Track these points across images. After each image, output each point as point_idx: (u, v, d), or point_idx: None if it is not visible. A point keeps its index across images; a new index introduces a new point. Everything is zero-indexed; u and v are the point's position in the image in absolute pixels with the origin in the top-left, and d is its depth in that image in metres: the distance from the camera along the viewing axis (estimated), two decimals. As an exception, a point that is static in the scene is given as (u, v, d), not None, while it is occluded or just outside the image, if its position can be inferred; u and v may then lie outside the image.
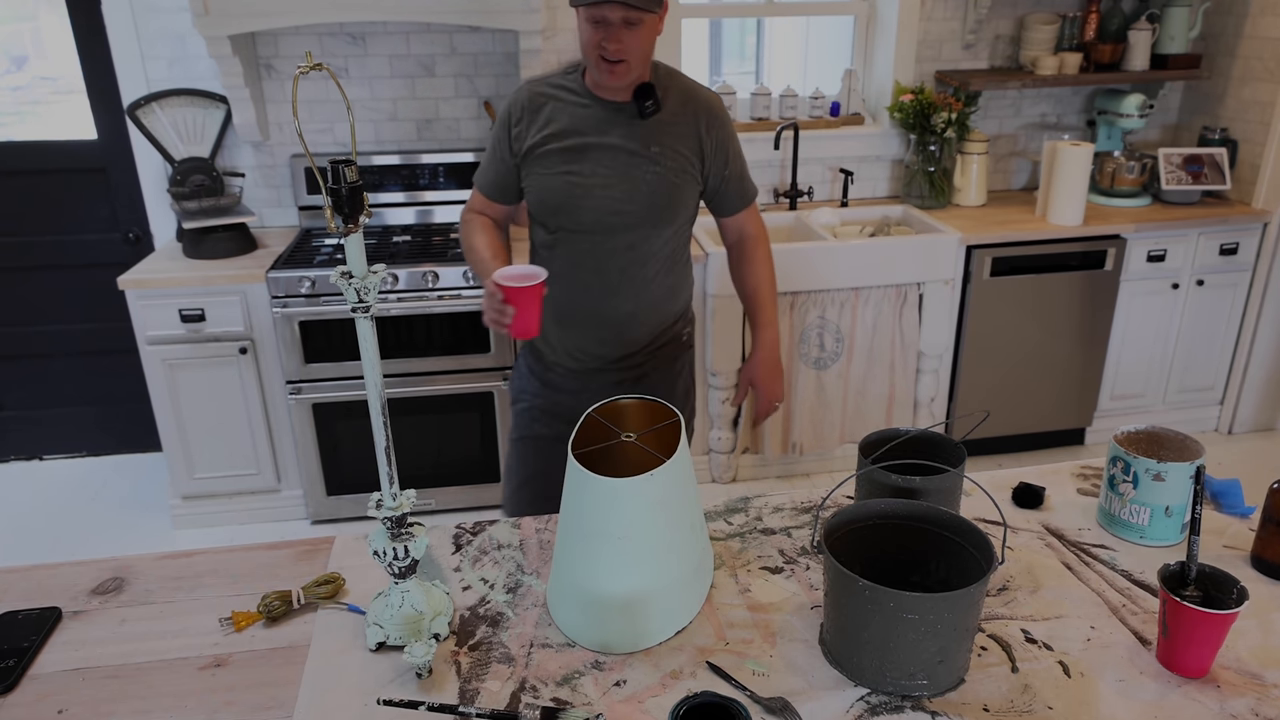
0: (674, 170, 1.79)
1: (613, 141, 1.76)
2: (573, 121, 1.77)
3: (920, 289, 3.22)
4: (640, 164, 1.76)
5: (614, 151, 1.76)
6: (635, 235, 1.81)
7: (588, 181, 1.76)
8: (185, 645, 1.19)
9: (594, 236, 1.80)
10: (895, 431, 1.40)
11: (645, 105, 1.74)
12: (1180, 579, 1.12)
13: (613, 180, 1.76)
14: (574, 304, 1.85)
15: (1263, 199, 3.48)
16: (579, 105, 1.77)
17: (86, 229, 3.38)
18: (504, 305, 1.55)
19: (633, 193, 1.77)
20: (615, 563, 1.15)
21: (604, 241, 1.81)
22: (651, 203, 1.79)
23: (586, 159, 1.76)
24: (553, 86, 1.80)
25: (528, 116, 1.80)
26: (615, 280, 1.83)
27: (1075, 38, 3.56)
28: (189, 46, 3.10)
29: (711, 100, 1.83)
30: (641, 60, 1.69)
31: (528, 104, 1.80)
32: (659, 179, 1.78)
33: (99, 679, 1.14)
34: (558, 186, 1.77)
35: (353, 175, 1.02)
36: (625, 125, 1.76)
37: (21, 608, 1.25)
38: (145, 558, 1.38)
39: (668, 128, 1.78)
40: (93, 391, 3.61)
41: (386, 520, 1.14)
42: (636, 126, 1.76)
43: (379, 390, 1.11)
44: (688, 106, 1.80)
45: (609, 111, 1.76)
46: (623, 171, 1.76)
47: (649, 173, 1.77)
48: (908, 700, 1.07)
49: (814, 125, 3.57)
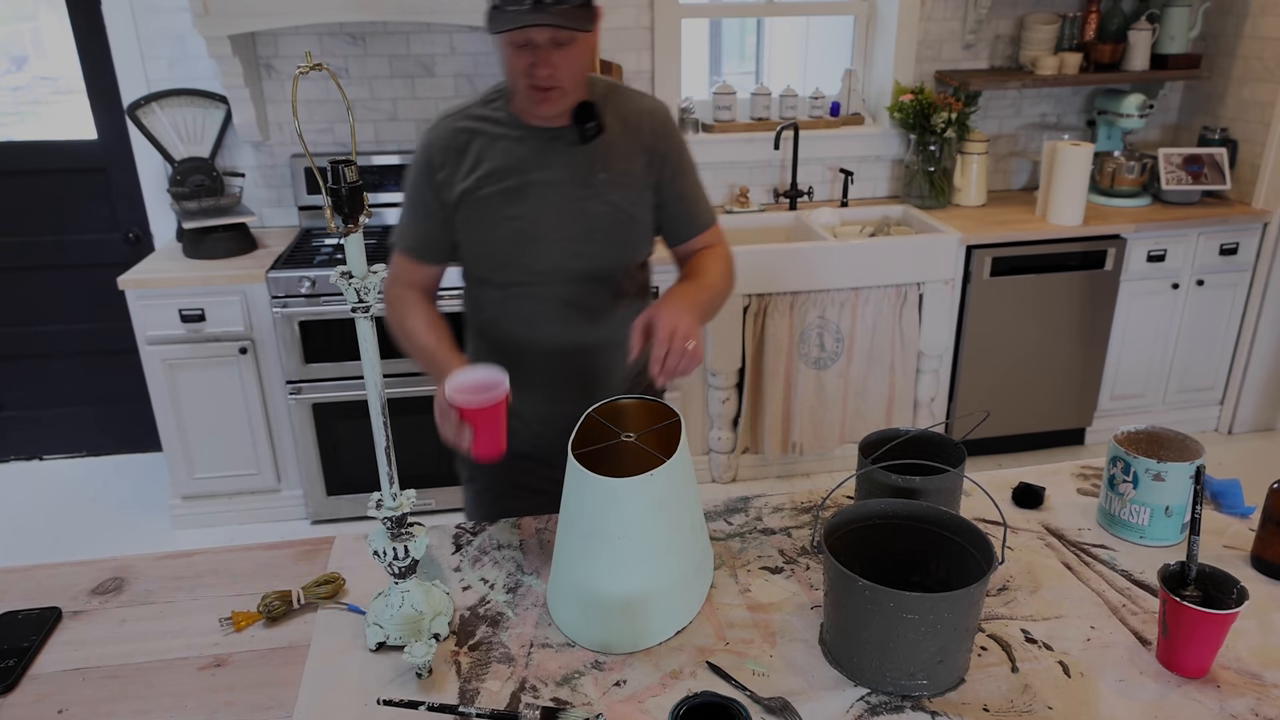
0: (627, 198, 1.56)
1: (555, 175, 1.52)
2: (506, 158, 1.52)
3: (920, 289, 3.22)
4: (590, 196, 1.53)
5: (559, 186, 1.52)
6: (600, 276, 1.58)
7: (536, 226, 1.52)
8: (185, 645, 1.19)
9: (553, 285, 1.56)
10: (895, 431, 1.40)
11: (586, 128, 1.50)
12: (1180, 579, 1.12)
13: (564, 219, 1.53)
14: (537, 365, 1.60)
15: (1263, 199, 3.48)
16: (510, 138, 1.52)
17: (86, 229, 3.38)
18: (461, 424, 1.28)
19: (589, 229, 1.54)
20: (615, 562, 1.15)
21: (565, 289, 1.56)
22: (610, 237, 1.56)
23: (529, 199, 1.52)
24: (474, 119, 1.54)
25: (452, 158, 1.53)
26: (582, 330, 1.59)
27: (1075, 38, 3.56)
28: (189, 46, 3.10)
29: (655, 107, 1.60)
30: (577, 83, 1.46)
31: (449, 143, 1.54)
32: (612, 209, 1.54)
33: (99, 679, 1.14)
34: (504, 236, 1.52)
35: (353, 175, 1.03)
36: (566, 153, 1.52)
37: (21, 608, 1.25)
38: (145, 558, 1.38)
39: (613, 149, 1.54)
40: (93, 391, 3.61)
41: (386, 520, 1.14)
42: (579, 153, 1.52)
43: (379, 390, 1.11)
44: (630, 119, 1.56)
45: (545, 140, 1.52)
46: (573, 207, 1.53)
47: (602, 204, 1.53)
48: (908, 700, 1.07)
49: (814, 125, 3.57)
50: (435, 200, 1.55)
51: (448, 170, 1.53)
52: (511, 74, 1.44)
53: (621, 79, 3.36)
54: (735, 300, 3.10)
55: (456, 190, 1.53)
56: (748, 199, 3.56)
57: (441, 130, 1.55)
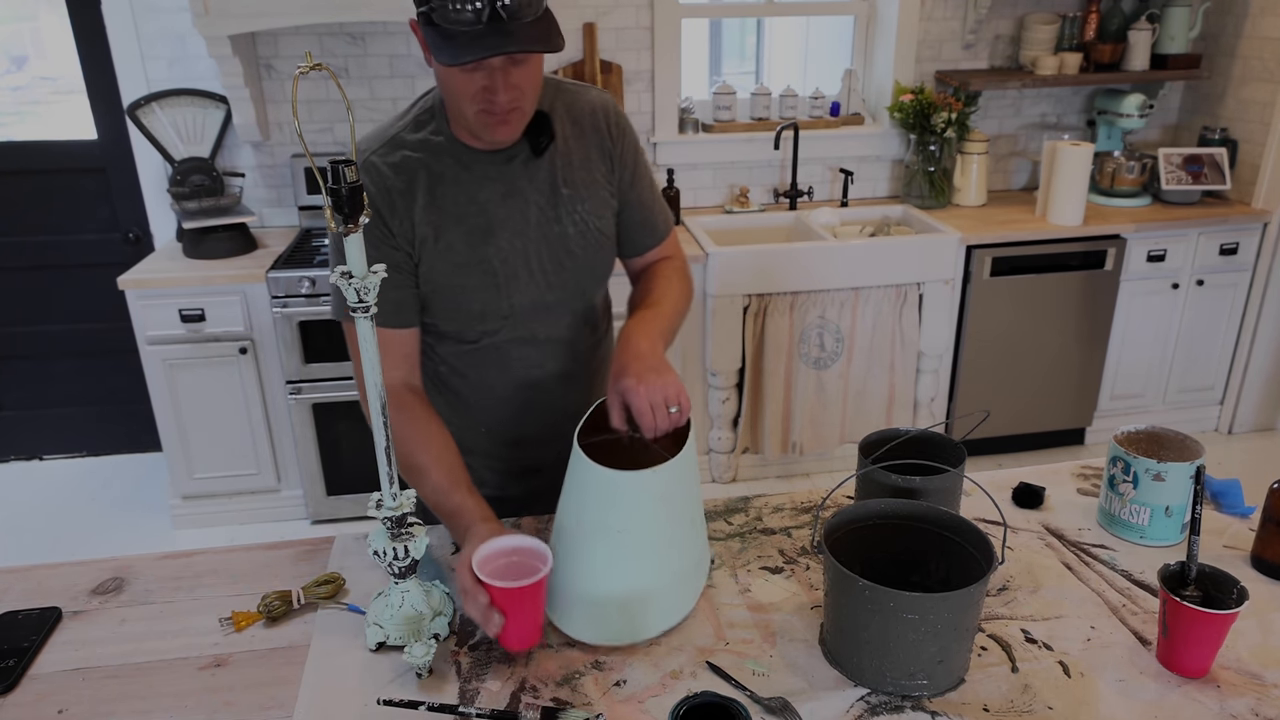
0: (594, 210, 1.38)
1: (520, 201, 1.33)
2: (461, 190, 1.31)
3: (920, 289, 3.22)
4: (559, 217, 1.36)
5: (526, 213, 1.33)
6: (576, 306, 1.41)
7: (511, 264, 1.34)
8: (185, 645, 1.19)
9: (530, 326, 1.39)
10: (895, 431, 1.40)
11: (539, 139, 1.32)
12: (1180, 579, 1.12)
13: (540, 250, 1.35)
14: (518, 415, 1.46)
15: (1263, 199, 3.48)
16: (459, 166, 1.31)
17: (86, 229, 3.38)
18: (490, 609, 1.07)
19: (564, 256, 1.36)
20: (613, 556, 1.15)
21: (541, 329, 1.41)
22: (585, 263, 1.39)
23: (498, 235, 1.33)
24: (411, 149, 1.31)
25: (400, 199, 1.30)
26: (565, 368, 1.45)
27: (1075, 38, 3.56)
28: (189, 46, 3.10)
29: (606, 102, 1.41)
30: (535, 99, 1.27)
31: (393, 181, 1.29)
32: (584, 228, 1.37)
33: (99, 679, 1.13)
34: (476, 284, 1.32)
35: (353, 175, 1.02)
36: (523, 173, 1.33)
37: (21, 608, 1.25)
38: (145, 558, 1.38)
39: (570, 156, 1.36)
40: (93, 391, 3.61)
41: (386, 520, 1.14)
42: (536, 168, 1.34)
43: (379, 390, 1.11)
44: (583, 119, 1.38)
45: (499, 164, 1.32)
46: (546, 233, 1.35)
47: (570, 225, 1.36)
48: (908, 700, 1.07)
49: (814, 125, 3.57)
50: (397, 248, 1.31)
51: (399, 215, 1.30)
52: (459, 99, 1.22)
53: (622, 79, 3.37)
54: (735, 300, 3.10)
55: (415, 237, 1.31)
56: (748, 199, 3.56)
57: (377, 169, 1.30)
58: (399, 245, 1.31)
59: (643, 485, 1.13)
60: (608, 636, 1.16)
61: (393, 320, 1.32)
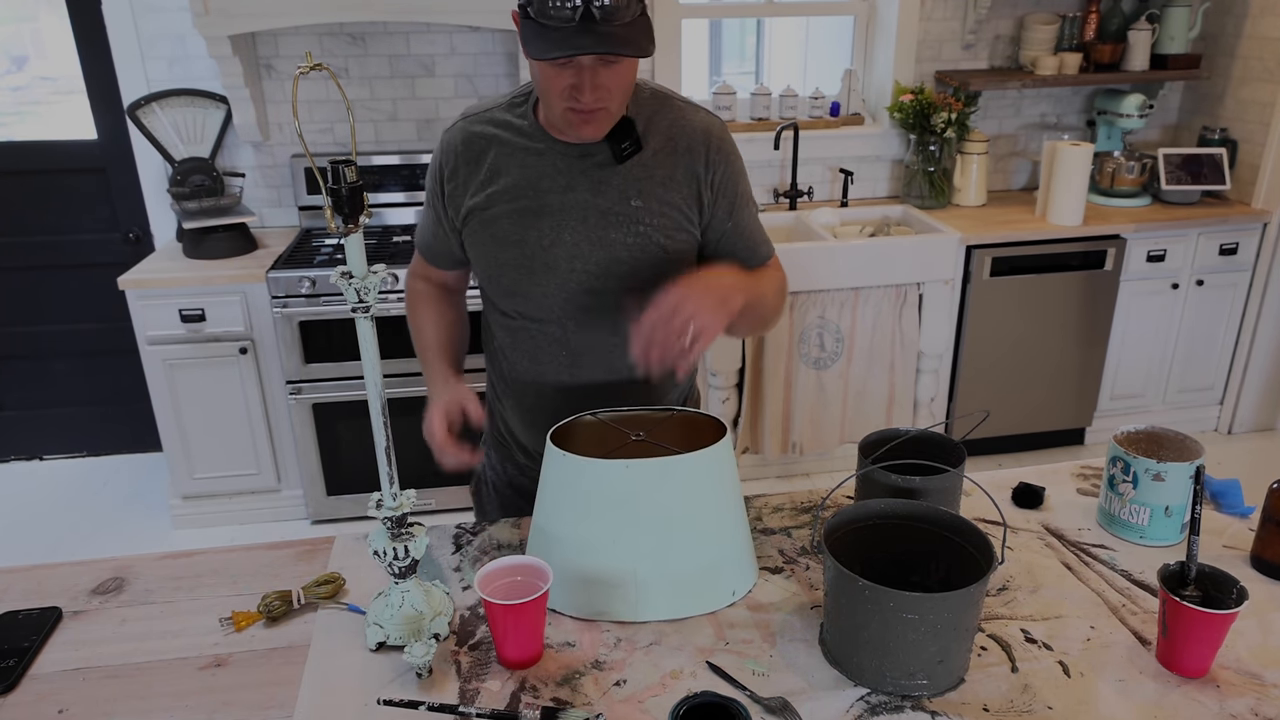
0: (663, 229, 1.36)
1: (580, 198, 1.34)
2: (525, 173, 1.35)
3: (920, 289, 3.22)
4: (618, 224, 1.34)
5: (582, 211, 1.34)
6: (620, 317, 1.37)
7: (550, 253, 1.36)
8: (185, 645, 1.19)
9: (565, 323, 1.40)
10: (895, 431, 1.40)
11: (622, 147, 1.32)
12: (1180, 579, 1.12)
13: (583, 248, 1.35)
14: (544, 406, 1.46)
15: (1262, 199, 3.48)
16: (531, 151, 1.35)
17: (86, 229, 3.38)
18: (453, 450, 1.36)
19: (611, 263, 1.36)
20: (586, 535, 1.20)
21: (579, 329, 1.40)
22: (637, 274, 1.36)
23: (546, 222, 1.35)
24: (495, 125, 1.38)
25: (464, 166, 1.38)
26: (593, 375, 1.43)
27: (1075, 38, 3.56)
28: (189, 46, 3.10)
29: (711, 126, 1.39)
30: (624, 102, 1.28)
31: (463, 150, 1.38)
32: (644, 241, 1.35)
33: (99, 679, 1.14)
34: (511, 261, 1.36)
35: (353, 175, 1.02)
36: (595, 174, 1.34)
37: (21, 608, 1.25)
38: (145, 558, 1.38)
39: (653, 171, 1.35)
40: (93, 391, 3.61)
41: (386, 520, 1.14)
42: (611, 174, 1.34)
43: (379, 390, 1.11)
44: (679, 139, 1.36)
45: (572, 158, 1.34)
46: (596, 236, 1.35)
47: (630, 235, 1.35)
48: (908, 700, 1.07)
49: (814, 125, 3.57)
50: (443, 209, 1.43)
51: (459, 179, 1.39)
52: (548, 93, 1.25)
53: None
54: (735, 300, 3.09)
55: (465, 204, 1.39)
56: (748, 199, 3.56)
57: (457, 134, 1.40)
58: (447, 205, 1.42)
59: (601, 474, 1.18)
60: (607, 612, 1.21)
61: (427, 254, 1.53)
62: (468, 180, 1.39)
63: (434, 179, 1.43)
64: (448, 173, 1.40)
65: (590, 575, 1.20)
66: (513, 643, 1.12)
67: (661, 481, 1.18)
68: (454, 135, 1.40)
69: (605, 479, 1.19)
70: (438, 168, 1.42)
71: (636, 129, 1.33)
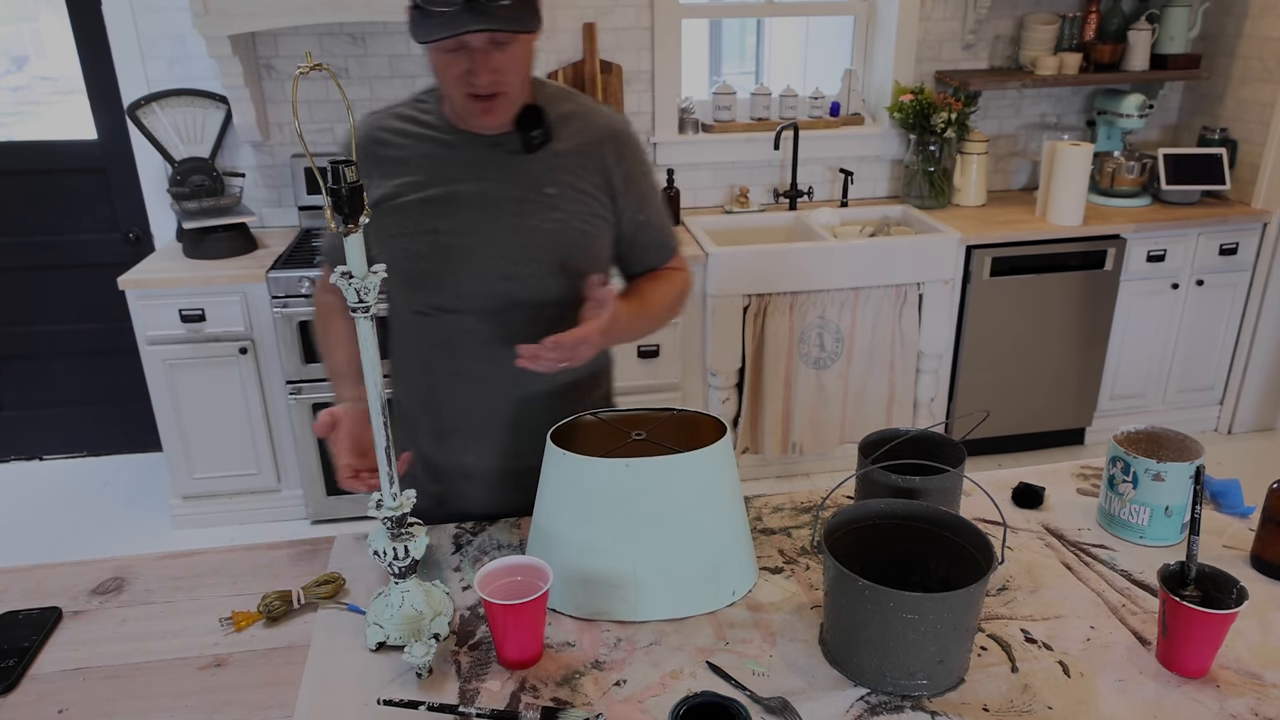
0: (580, 215, 1.38)
1: (494, 186, 1.34)
2: (435, 164, 1.35)
3: (920, 289, 3.22)
4: (533, 210, 1.35)
5: (497, 199, 1.34)
6: (540, 304, 1.38)
7: (466, 240, 1.34)
8: (185, 645, 1.19)
9: (481, 315, 1.38)
10: (895, 431, 1.40)
11: (532, 135, 1.33)
12: (1180, 579, 1.12)
13: (500, 235, 1.34)
14: (465, 408, 1.44)
15: (1262, 199, 3.48)
16: (440, 143, 1.36)
17: (86, 229, 3.38)
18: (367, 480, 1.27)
19: (528, 248, 1.35)
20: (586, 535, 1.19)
21: (496, 319, 1.38)
22: (555, 259, 1.37)
23: (458, 211, 1.34)
24: (401, 119, 1.38)
25: (368, 160, 1.37)
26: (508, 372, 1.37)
27: (1075, 38, 3.56)
28: (189, 46, 3.10)
29: (616, 123, 1.42)
30: (522, 85, 1.30)
31: (367, 144, 1.38)
32: (562, 227, 1.36)
33: (99, 679, 1.14)
34: (425, 250, 1.33)
35: (353, 175, 1.02)
36: (507, 163, 1.35)
37: (21, 608, 1.25)
38: (145, 558, 1.38)
39: (564, 160, 1.36)
40: (93, 391, 3.61)
41: (386, 520, 1.14)
42: (523, 163, 1.35)
43: (379, 390, 1.11)
44: (588, 131, 1.39)
45: (482, 148, 1.34)
46: (513, 223, 1.34)
47: (548, 221, 1.35)
48: (908, 700, 1.07)
49: (814, 125, 3.57)
50: None
51: (364, 174, 1.35)
52: (444, 81, 1.27)
53: (621, 79, 3.37)
54: (735, 300, 3.10)
55: (373, 196, 1.37)
56: (748, 199, 3.56)
57: (362, 129, 1.40)
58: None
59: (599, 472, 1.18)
60: (608, 612, 1.21)
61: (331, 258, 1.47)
62: (372, 173, 1.37)
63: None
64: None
65: (590, 575, 1.20)
66: (512, 642, 1.12)
67: (661, 481, 1.18)
68: (359, 132, 1.39)
69: (605, 478, 1.19)
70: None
71: (547, 118, 1.35)
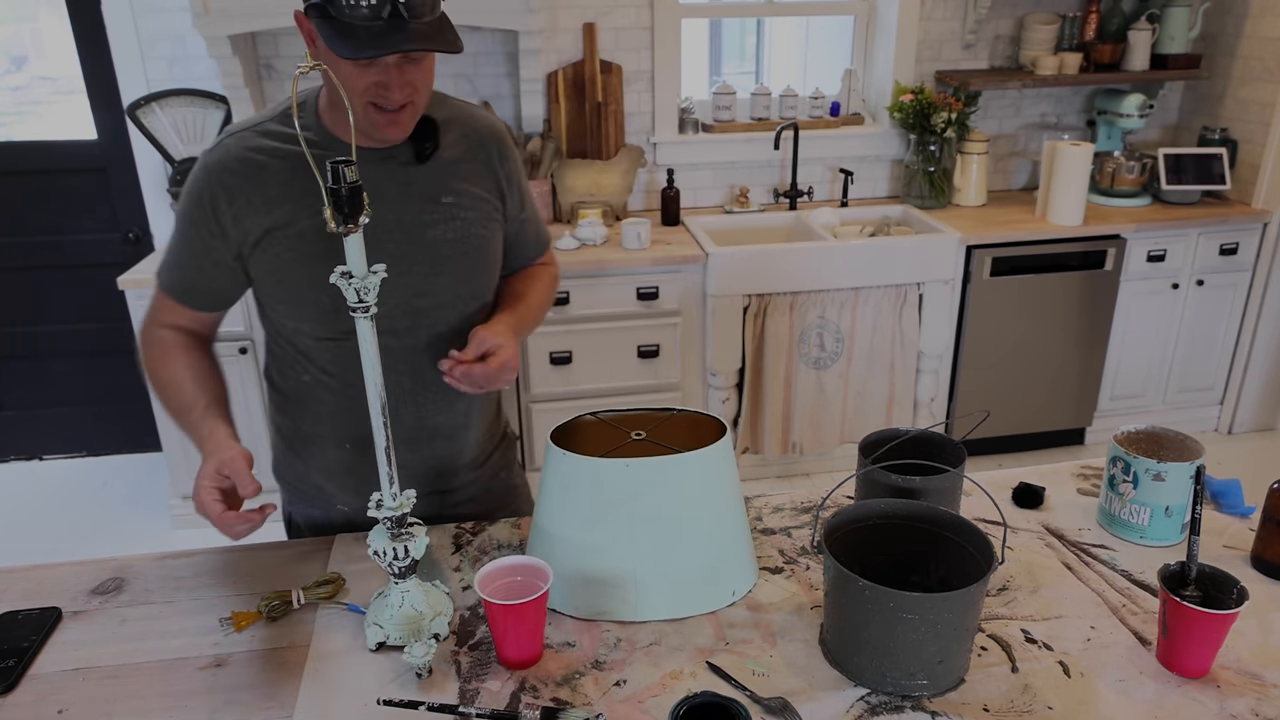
0: (478, 220, 1.36)
1: (391, 202, 1.29)
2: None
3: (920, 289, 3.22)
4: (434, 222, 1.32)
5: (396, 214, 1.30)
6: (449, 316, 1.36)
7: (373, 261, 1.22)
8: (185, 645, 1.19)
9: (397, 331, 1.33)
10: (895, 431, 1.40)
11: (424, 145, 1.31)
12: (1180, 579, 1.12)
13: (405, 249, 1.30)
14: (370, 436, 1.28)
15: (1263, 199, 3.48)
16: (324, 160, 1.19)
17: (86, 229, 3.38)
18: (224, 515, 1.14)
19: (435, 261, 1.33)
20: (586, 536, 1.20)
21: (405, 338, 1.34)
22: (463, 269, 1.35)
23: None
24: (273, 138, 1.28)
25: (245, 185, 1.26)
26: (428, 385, 1.37)
27: (1075, 38, 3.56)
28: (189, 46, 3.10)
29: (494, 123, 1.43)
30: (427, 99, 1.27)
31: (239, 168, 1.26)
32: (463, 233, 1.34)
33: (99, 679, 1.14)
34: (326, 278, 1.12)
35: (353, 175, 1.02)
36: (401, 176, 1.30)
37: (21, 608, 1.25)
38: (145, 558, 1.38)
39: (455, 167, 1.35)
40: (93, 391, 3.61)
41: (386, 520, 1.14)
42: (416, 174, 1.31)
43: (379, 390, 1.11)
44: (470, 136, 1.37)
45: (374, 162, 1.28)
46: (415, 236, 1.31)
47: (450, 230, 1.33)
48: (908, 700, 1.07)
49: (814, 125, 3.57)
50: (219, 241, 1.28)
51: (242, 202, 1.26)
52: (350, 92, 1.19)
53: (621, 79, 3.37)
54: (735, 300, 3.10)
55: (256, 228, 1.27)
56: (748, 199, 3.56)
57: (226, 153, 1.27)
58: (225, 233, 1.28)
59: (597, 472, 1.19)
60: (608, 611, 1.22)
61: (182, 294, 1.34)
62: (252, 199, 1.26)
63: (201, 205, 1.27)
64: (224, 196, 1.26)
65: (590, 575, 1.20)
66: (512, 643, 1.12)
67: (662, 481, 1.18)
68: (222, 155, 1.28)
69: (605, 478, 1.19)
70: (207, 194, 1.27)
71: (437, 127, 1.33)
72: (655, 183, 3.55)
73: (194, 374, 1.32)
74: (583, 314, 3.08)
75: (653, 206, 3.57)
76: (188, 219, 1.30)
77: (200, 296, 1.35)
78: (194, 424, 1.27)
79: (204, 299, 1.35)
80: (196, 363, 1.33)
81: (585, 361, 3.12)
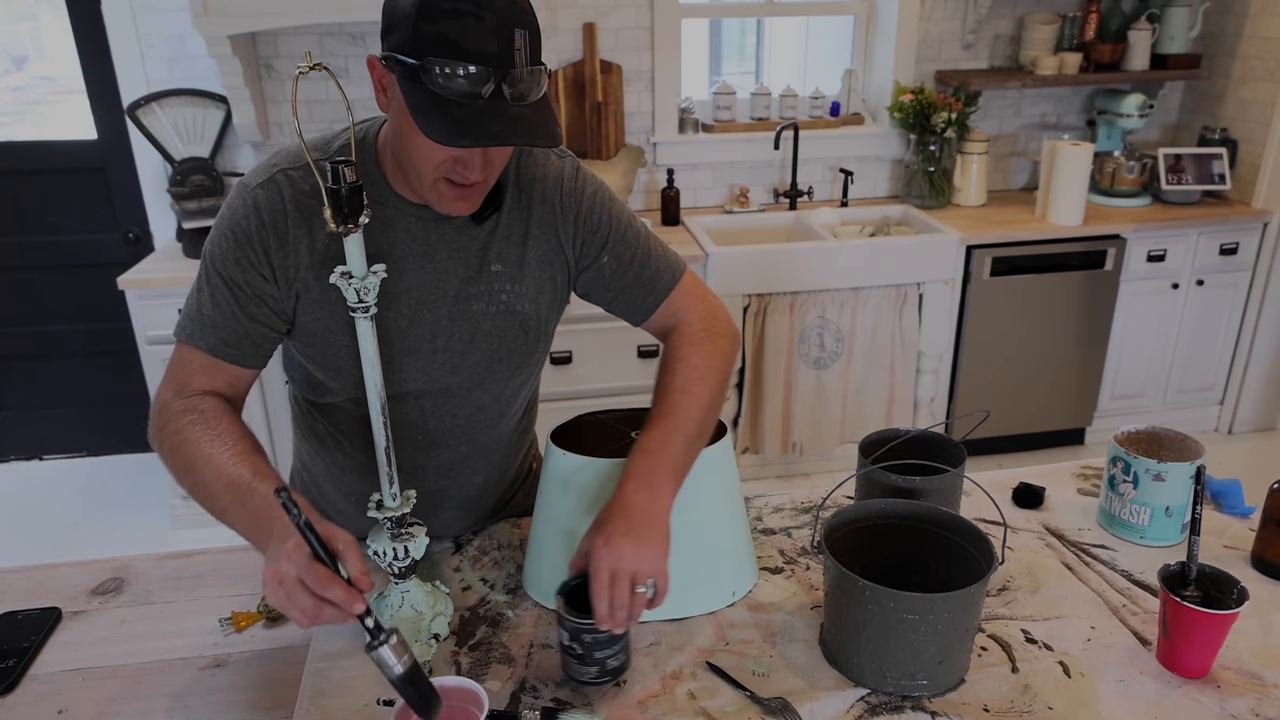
0: (524, 295, 1.23)
1: (440, 268, 1.18)
2: (374, 240, 1.14)
3: (920, 289, 3.22)
4: (479, 295, 1.20)
5: (442, 284, 1.18)
6: (484, 393, 1.27)
7: (409, 335, 1.19)
8: (185, 645, 1.19)
9: (423, 404, 1.24)
10: (895, 431, 1.40)
11: (484, 209, 1.18)
12: (1180, 579, 1.12)
13: (444, 324, 1.19)
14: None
15: (1263, 199, 3.48)
16: (380, 212, 1.16)
17: (86, 229, 3.38)
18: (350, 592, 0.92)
19: (474, 336, 1.21)
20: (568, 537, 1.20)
21: (438, 409, 1.26)
22: (501, 346, 1.23)
23: (403, 301, 1.17)
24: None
25: (295, 227, 1.13)
26: (460, 453, 1.30)
27: (1075, 38, 3.56)
28: (189, 46, 3.10)
29: (560, 168, 1.23)
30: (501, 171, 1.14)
31: (294, 208, 1.13)
32: (505, 310, 1.22)
33: (99, 679, 1.14)
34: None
35: (352, 175, 1.02)
36: (454, 240, 1.18)
37: (21, 608, 1.25)
38: (145, 558, 1.38)
39: (509, 231, 1.21)
40: (93, 391, 3.61)
41: (386, 520, 1.14)
42: (469, 238, 1.19)
43: (379, 390, 1.11)
44: (532, 188, 1.21)
45: (428, 221, 1.17)
46: (458, 309, 1.19)
47: (492, 305, 1.21)
48: (908, 700, 1.07)
49: (814, 125, 3.57)
50: (271, 284, 1.14)
51: (290, 247, 1.13)
52: (421, 164, 1.07)
53: (621, 79, 3.37)
54: (735, 300, 3.10)
55: (300, 276, 1.14)
56: (748, 199, 3.56)
57: (281, 190, 1.14)
58: (276, 276, 1.14)
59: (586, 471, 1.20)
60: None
61: (231, 353, 1.15)
62: (297, 245, 1.13)
63: (249, 248, 1.12)
64: (272, 239, 1.13)
65: None
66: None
67: None
68: (275, 194, 1.13)
69: (606, 478, 1.19)
70: (255, 232, 1.12)
71: (504, 191, 1.19)
72: (655, 183, 3.55)
73: (252, 444, 1.11)
74: (583, 314, 3.06)
75: (653, 206, 3.57)
76: (229, 262, 1.13)
77: (242, 352, 1.16)
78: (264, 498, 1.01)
79: (247, 354, 1.17)
80: (248, 432, 1.13)
81: (585, 361, 3.12)
